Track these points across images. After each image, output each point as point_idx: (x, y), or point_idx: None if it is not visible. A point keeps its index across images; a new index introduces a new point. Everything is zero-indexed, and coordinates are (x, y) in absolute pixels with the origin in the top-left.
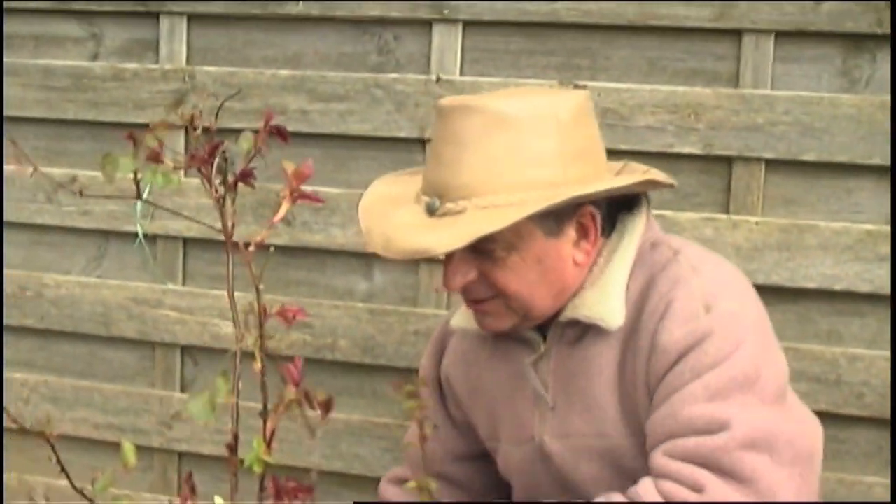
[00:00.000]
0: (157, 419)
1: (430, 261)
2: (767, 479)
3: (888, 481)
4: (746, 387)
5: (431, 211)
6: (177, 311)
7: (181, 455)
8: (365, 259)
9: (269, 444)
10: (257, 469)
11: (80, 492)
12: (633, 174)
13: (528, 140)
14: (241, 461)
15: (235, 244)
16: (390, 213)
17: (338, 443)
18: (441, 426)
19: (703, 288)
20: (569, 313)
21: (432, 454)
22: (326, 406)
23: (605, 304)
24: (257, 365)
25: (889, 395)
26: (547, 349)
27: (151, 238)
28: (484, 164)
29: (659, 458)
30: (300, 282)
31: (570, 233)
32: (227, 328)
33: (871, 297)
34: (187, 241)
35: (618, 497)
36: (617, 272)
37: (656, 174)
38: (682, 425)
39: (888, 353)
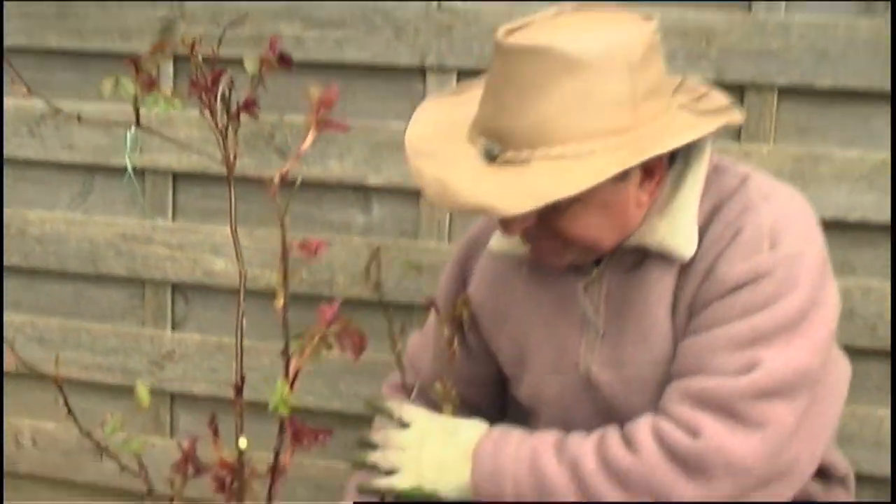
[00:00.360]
0: (147, 359)
1: None
2: (777, 426)
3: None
4: (791, 330)
5: (490, 157)
6: (167, 247)
7: (173, 396)
8: (363, 191)
9: (292, 385)
10: (283, 411)
11: (88, 435)
12: (694, 96)
13: (598, 85)
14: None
15: (258, 179)
16: (441, 152)
17: (336, 382)
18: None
19: (773, 219)
20: (635, 241)
21: (441, 374)
22: (360, 343)
23: (679, 233)
24: (279, 302)
25: None
26: (599, 274)
27: (139, 173)
28: (551, 111)
29: (670, 394)
30: (295, 216)
31: (636, 175)
32: (220, 264)
33: (885, 228)
34: (177, 176)
35: (614, 433)
36: (688, 201)
37: (718, 101)
38: (715, 365)
39: None
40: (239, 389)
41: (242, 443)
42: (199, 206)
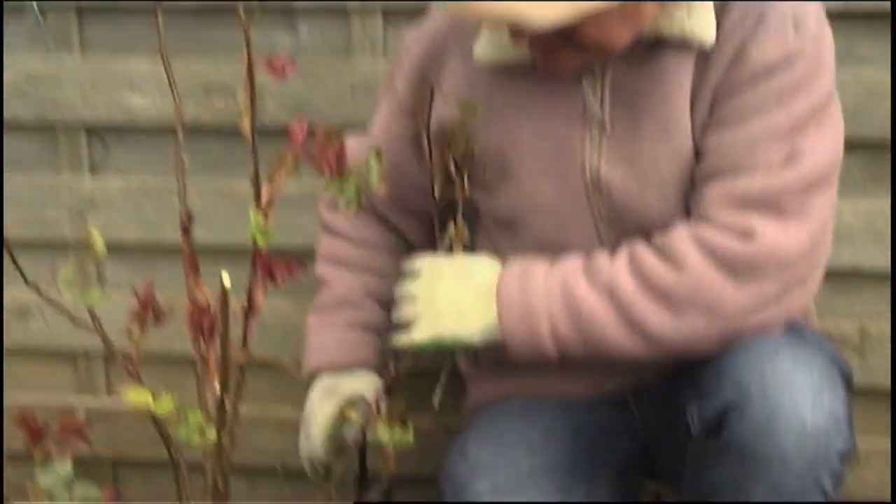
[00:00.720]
0: (67, 209)
1: (363, 6)
2: (818, 218)
3: (857, 205)
4: (822, 115)
5: None
6: (78, 86)
7: None
8: (288, 11)
9: (266, 215)
10: (260, 242)
11: (37, 289)
12: None
13: None
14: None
15: None
16: None
17: (276, 216)
18: (405, 163)
19: (792, 2)
20: (652, 32)
21: (394, 184)
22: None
23: (698, 19)
24: (245, 124)
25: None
26: (601, 68)
27: (39, 6)
28: None
29: (711, 199)
30: (214, 42)
31: None
32: (139, 101)
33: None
34: (82, 7)
35: (643, 249)
36: None
37: None
38: (758, 161)
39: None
40: (186, 229)
41: (226, 279)
42: (109, 39)
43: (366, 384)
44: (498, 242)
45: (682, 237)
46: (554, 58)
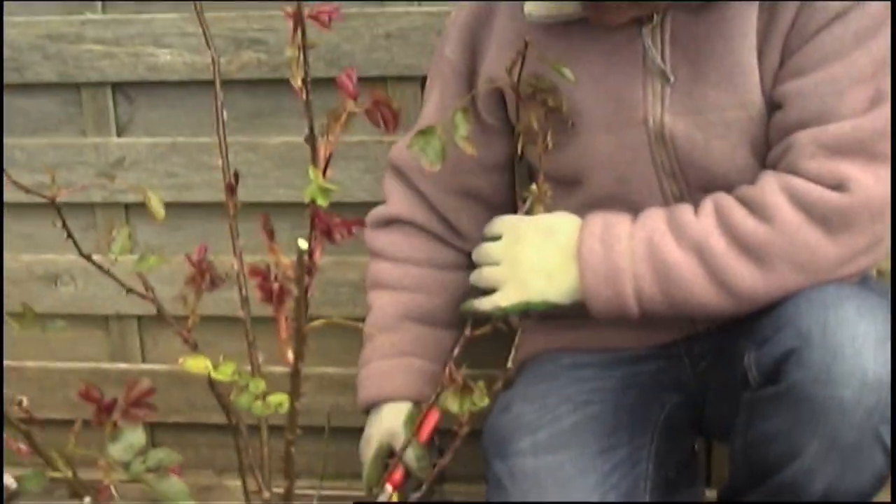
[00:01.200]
0: (94, 171)
1: None
2: None
3: None
4: None
5: None
6: (101, 43)
7: (127, 207)
8: None
9: (324, 173)
10: (322, 202)
11: (89, 258)
12: None
13: None
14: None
15: None
16: None
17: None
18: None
19: None
20: None
21: (453, 165)
22: (394, 116)
23: None
24: (297, 80)
25: None
26: (660, 18)
27: None
28: None
29: (798, 149)
30: None
31: None
32: (165, 56)
33: None
34: None
35: (729, 201)
36: None
37: None
38: (844, 107)
39: None
40: (232, 188)
41: (303, 244)
42: None
43: (387, 426)
44: (554, 201)
45: (771, 189)
46: (606, 10)
